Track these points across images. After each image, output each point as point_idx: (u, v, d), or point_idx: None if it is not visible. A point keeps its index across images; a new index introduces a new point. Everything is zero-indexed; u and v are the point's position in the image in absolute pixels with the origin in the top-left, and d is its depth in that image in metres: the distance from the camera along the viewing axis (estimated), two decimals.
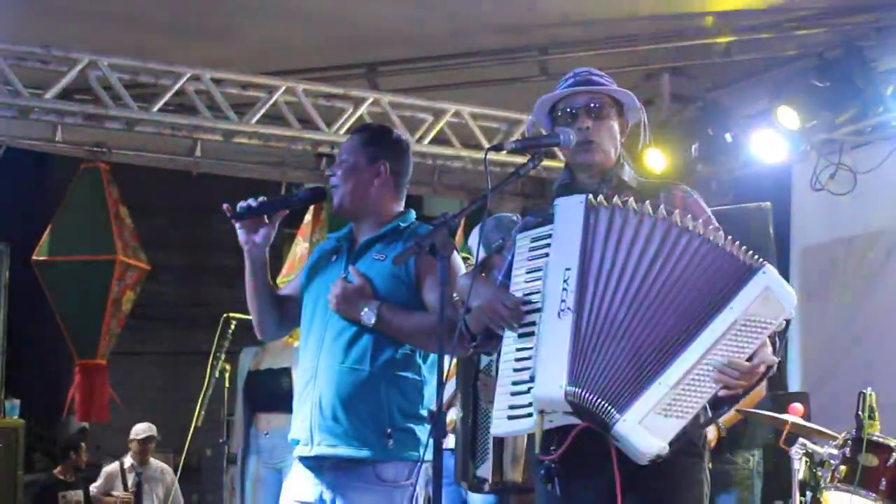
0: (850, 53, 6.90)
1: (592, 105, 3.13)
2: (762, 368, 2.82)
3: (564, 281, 2.87)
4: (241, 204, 3.65)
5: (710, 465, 5.57)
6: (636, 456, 2.78)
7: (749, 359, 2.82)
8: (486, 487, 4.53)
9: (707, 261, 2.84)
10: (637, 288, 2.83)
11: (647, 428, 2.74)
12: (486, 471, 4.48)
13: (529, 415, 2.89)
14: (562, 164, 8.31)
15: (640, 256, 2.85)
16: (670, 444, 2.76)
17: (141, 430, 9.39)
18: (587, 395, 2.79)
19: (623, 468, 2.87)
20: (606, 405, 2.78)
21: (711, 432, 5.64)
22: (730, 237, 2.90)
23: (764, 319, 2.79)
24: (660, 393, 2.75)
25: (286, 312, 3.82)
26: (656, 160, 7.69)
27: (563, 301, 2.86)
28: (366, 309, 3.50)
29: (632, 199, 2.94)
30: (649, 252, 2.85)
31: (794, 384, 7.67)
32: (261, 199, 3.68)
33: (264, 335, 3.91)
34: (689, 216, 2.97)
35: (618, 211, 2.90)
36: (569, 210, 2.97)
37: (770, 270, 2.83)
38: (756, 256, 2.87)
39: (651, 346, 2.80)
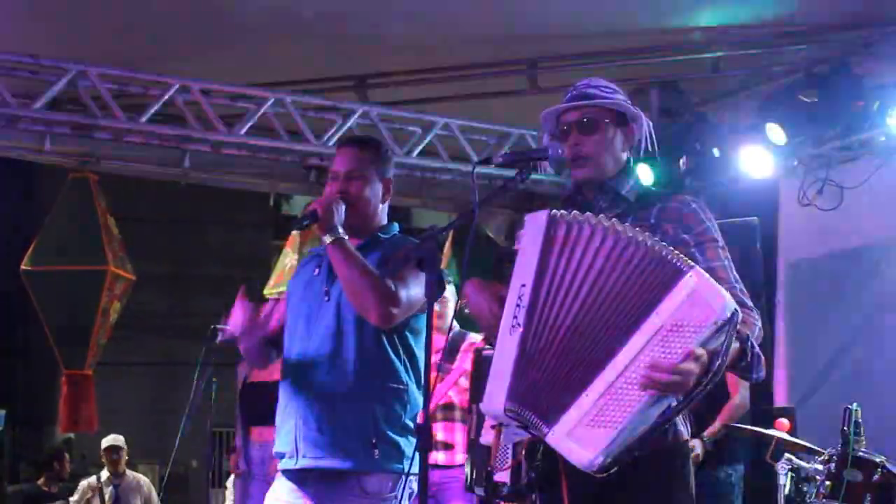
0: (838, 69, 6.92)
1: (583, 120, 3.13)
2: (695, 365, 2.66)
3: (519, 297, 2.88)
4: (223, 335, 3.90)
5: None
6: (579, 467, 2.76)
7: None
8: (475, 489, 4.56)
9: (641, 268, 2.76)
10: (582, 302, 2.80)
11: (576, 440, 2.73)
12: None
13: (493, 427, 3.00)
14: (550, 178, 8.36)
15: (587, 270, 2.81)
16: (614, 456, 2.70)
17: (106, 441, 9.32)
18: (523, 411, 2.82)
19: (593, 482, 2.85)
20: (537, 420, 2.79)
21: (698, 447, 5.64)
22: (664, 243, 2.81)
23: (692, 323, 2.68)
24: (586, 404, 2.72)
25: (279, 346, 3.81)
26: (643, 174, 7.67)
27: (514, 318, 2.88)
28: (340, 227, 3.51)
29: (595, 214, 2.88)
30: (596, 265, 2.80)
31: (781, 398, 7.67)
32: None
33: (257, 367, 3.97)
34: (672, 227, 2.98)
35: (575, 224, 2.86)
36: (534, 225, 2.96)
37: (697, 273, 2.71)
38: (685, 260, 2.75)
39: (584, 359, 2.77)
